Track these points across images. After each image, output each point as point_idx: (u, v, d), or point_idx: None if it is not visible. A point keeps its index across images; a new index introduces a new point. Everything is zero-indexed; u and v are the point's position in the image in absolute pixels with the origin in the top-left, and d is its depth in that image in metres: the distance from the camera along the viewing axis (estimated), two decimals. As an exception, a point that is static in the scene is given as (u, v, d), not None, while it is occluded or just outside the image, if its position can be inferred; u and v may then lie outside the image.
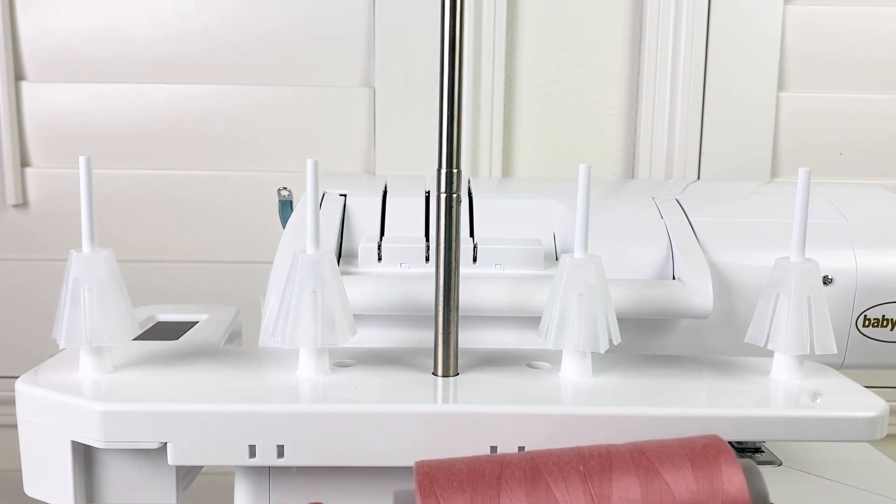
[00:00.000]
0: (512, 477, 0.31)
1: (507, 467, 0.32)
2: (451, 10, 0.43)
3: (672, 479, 0.31)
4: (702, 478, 0.32)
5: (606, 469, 0.32)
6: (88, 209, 0.44)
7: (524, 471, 0.32)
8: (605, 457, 0.32)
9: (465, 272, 0.53)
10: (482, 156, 1.13)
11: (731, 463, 0.32)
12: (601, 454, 0.32)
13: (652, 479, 0.31)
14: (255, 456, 0.42)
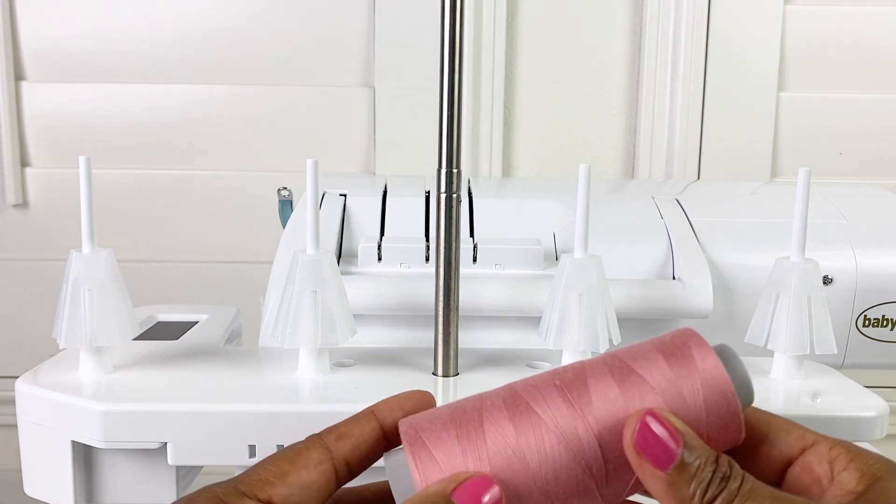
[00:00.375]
0: (492, 405, 0.32)
1: (487, 399, 0.32)
2: (451, 10, 0.43)
3: (647, 373, 0.32)
4: (675, 364, 0.32)
5: (581, 378, 0.32)
6: (88, 209, 0.44)
7: (503, 398, 0.32)
8: (580, 368, 0.33)
9: (465, 272, 0.53)
10: (482, 156, 1.13)
11: (701, 345, 0.33)
12: (575, 367, 0.33)
13: (627, 377, 0.32)
14: (255, 456, 0.42)
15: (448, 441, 0.31)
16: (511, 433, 0.31)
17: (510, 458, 0.31)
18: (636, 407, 0.31)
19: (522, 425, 0.31)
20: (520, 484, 0.31)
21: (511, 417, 0.31)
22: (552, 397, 0.32)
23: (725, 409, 0.31)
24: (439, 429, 0.31)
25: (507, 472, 0.30)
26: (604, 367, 0.32)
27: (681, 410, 0.31)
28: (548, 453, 0.31)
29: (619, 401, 0.31)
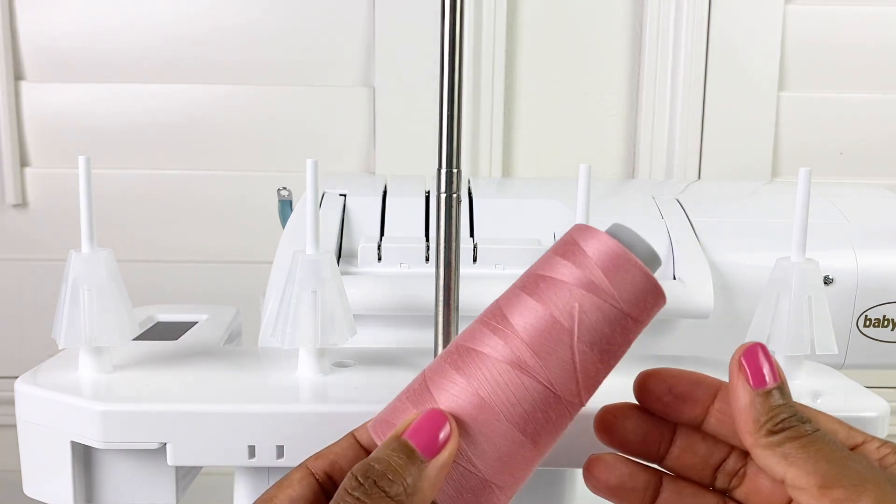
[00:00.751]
0: (433, 367, 0.34)
1: (428, 367, 0.34)
2: (451, 10, 0.43)
3: (550, 273, 0.33)
4: (571, 255, 0.34)
5: (497, 306, 0.34)
6: (88, 209, 0.44)
7: (441, 357, 0.34)
8: (495, 302, 0.35)
9: (465, 272, 0.53)
10: (482, 156, 1.13)
11: (586, 230, 0.34)
12: (491, 305, 0.35)
13: (536, 284, 0.33)
14: (255, 456, 0.42)
15: (406, 411, 0.33)
16: (455, 376, 0.32)
17: (461, 397, 0.32)
18: (556, 305, 0.33)
19: (464, 367, 0.33)
20: (480, 418, 0.32)
21: (452, 364, 0.33)
22: (480, 332, 0.33)
23: (631, 274, 0.33)
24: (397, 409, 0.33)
25: (466, 410, 0.32)
26: (514, 289, 0.34)
27: (595, 292, 0.33)
28: (493, 378, 0.32)
29: (538, 307, 0.33)
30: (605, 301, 0.33)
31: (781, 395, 0.33)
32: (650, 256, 0.35)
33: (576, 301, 0.33)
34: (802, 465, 0.31)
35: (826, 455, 0.31)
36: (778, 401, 0.32)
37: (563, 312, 0.33)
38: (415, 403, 0.33)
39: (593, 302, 0.33)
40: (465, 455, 0.32)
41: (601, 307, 0.33)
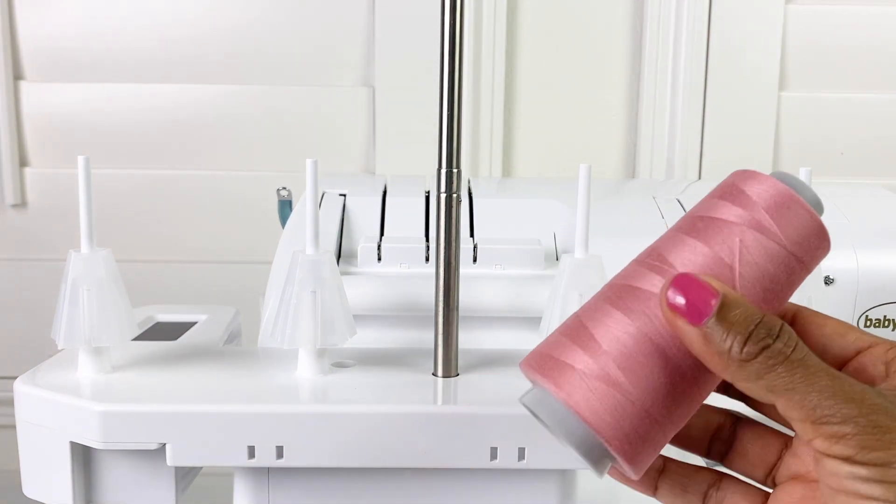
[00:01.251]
0: (590, 305, 0.33)
1: (580, 310, 0.33)
2: (451, 10, 0.43)
3: (710, 213, 0.33)
4: (729, 195, 0.33)
5: (653, 248, 0.34)
6: (87, 209, 0.44)
7: (592, 301, 0.33)
8: (654, 245, 0.35)
9: (465, 272, 0.52)
10: (482, 156, 1.13)
11: (744, 172, 0.34)
12: (650, 246, 0.35)
13: (694, 224, 0.33)
14: (255, 457, 0.41)
15: (562, 344, 0.32)
16: (612, 311, 0.32)
17: (619, 330, 0.31)
18: (717, 241, 0.32)
19: (622, 303, 0.32)
20: (639, 351, 0.31)
21: (608, 301, 0.32)
22: (637, 271, 0.33)
23: (798, 218, 0.32)
24: (553, 342, 0.33)
25: (625, 343, 0.31)
26: (671, 231, 0.34)
27: (759, 229, 0.32)
28: (652, 313, 0.31)
29: (697, 244, 0.32)
30: (769, 239, 0.32)
31: (726, 315, 0.28)
32: (815, 201, 0.34)
33: (737, 237, 0.32)
34: (789, 398, 0.28)
35: (814, 382, 0.27)
36: (727, 325, 0.28)
37: (725, 248, 0.32)
38: (571, 338, 0.32)
39: (756, 238, 0.32)
40: (622, 387, 0.30)
41: (765, 244, 0.31)
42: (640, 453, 0.31)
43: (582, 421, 0.30)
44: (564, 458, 0.42)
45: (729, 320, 0.28)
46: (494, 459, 0.42)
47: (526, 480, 0.45)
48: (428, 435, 0.41)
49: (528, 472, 0.45)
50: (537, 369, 0.32)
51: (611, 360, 0.31)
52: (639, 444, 0.30)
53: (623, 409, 0.30)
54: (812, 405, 0.27)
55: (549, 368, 0.32)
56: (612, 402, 0.30)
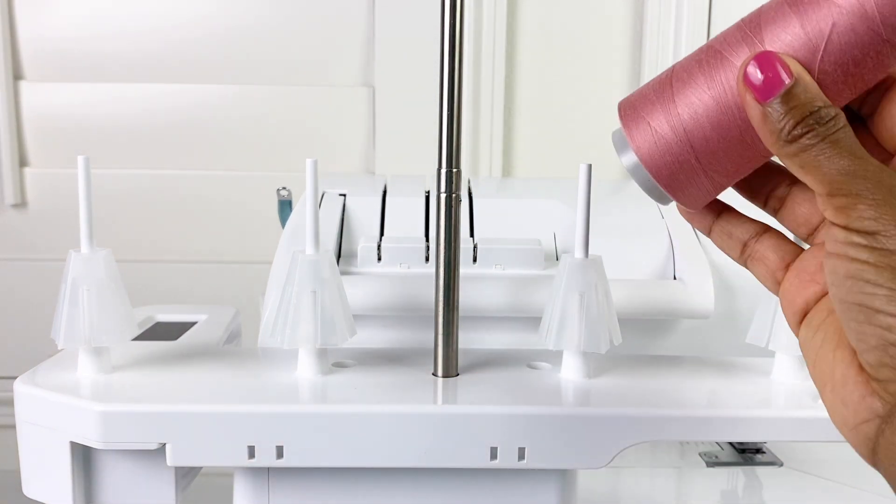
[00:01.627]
0: (681, 66, 0.35)
1: (676, 65, 0.36)
2: (451, 10, 0.43)
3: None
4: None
5: (758, 13, 0.34)
6: (87, 209, 0.44)
7: (689, 59, 0.35)
8: (758, 9, 0.35)
9: (465, 272, 0.52)
10: (482, 156, 1.13)
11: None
12: (753, 11, 0.35)
13: (806, 7, 0.33)
14: (255, 457, 0.41)
15: (649, 98, 0.36)
16: (699, 76, 0.34)
17: (699, 97, 0.34)
18: (811, 20, 0.33)
19: (709, 69, 0.34)
20: (715, 114, 0.34)
21: (699, 64, 0.35)
22: (734, 37, 0.34)
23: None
24: (643, 95, 0.36)
25: (706, 105, 0.34)
26: (782, 4, 0.34)
27: (861, 18, 0.32)
28: (729, 85, 0.33)
29: (793, 20, 0.33)
30: (866, 25, 0.32)
31: (789, 100, 0.31)
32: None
33: (832, 19, 0.32)
34: (814, 173, 0.31)
35: (837, 161, 0.30)
36: (787, 108, 0.31)
37: (816, 29, 0.33)
38: (656, 93, 0.35)
39: (852, 23, 0.32)
40: (684, 145, 0.35)
41: (858, 30, 0.32)
42: (692, 198, 0.36)
43: (640, 161, 0.35)
44: (564, 458, 0.42)
45: (790, 104, 0.31)
46: (494, 459, 0.42)
47: (526, 480, 0.45)
48: (428, 435, 0.41)
49: (528, 472, 0.45)
50: (622, 117, 0.36)
51: (680, 123, 0.34)
52: (692, 193, 0.35)
53: (681, 164, 0.35)
54: (829, 180, 0.30)
55: (630, 119, 0.36)
56: (673, 157, 0.35)
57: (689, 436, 0.43)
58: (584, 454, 0.42)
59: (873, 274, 0.29)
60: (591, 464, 0.42)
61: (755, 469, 0.64)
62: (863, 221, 0.29)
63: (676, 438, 0.43)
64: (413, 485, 0.45)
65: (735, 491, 0.64)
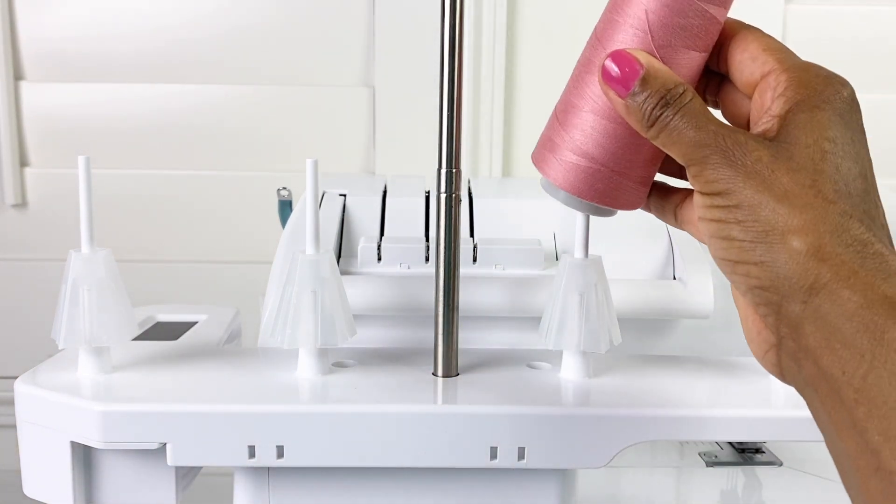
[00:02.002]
0: (560, 102, 0.40)
1: (556, 104, 0.40)
2: (451, 10, 0.43)
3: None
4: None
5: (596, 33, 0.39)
6: (87, 209, 0.44)
7: (563, 93, 0.40)
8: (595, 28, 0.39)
9: (465, 272, 0.52)
10: (482, 156, 1.13)
11: None
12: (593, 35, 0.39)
13: (614, 8, 0.38)
14: (255, 456, 0.42)
15: (553, 127, 0.40)
16: (574, 101, 0.39)
17: (585, 119, 0.38)
18: (635, 19, 0.37)
19: (580, 91, 0.39)
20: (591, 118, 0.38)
21: (569, 92, 0.40)
22: (587, 58, 0.39)
23: None
24: (540, 140, 0.41)
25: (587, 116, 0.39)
26: (605, 14, 0.39)
27: None
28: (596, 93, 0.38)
29: (622, 25, 0.38)
30: None
31: (645, 86, 0.35)
32: None
33: (644, 6, 0.37)
34: (674, 149, 0.34)
35: (687, 134, 0.34)
36: (644, 94, 0.35)
37: (636, 20, 0.37)
38: (551, 132, 0.40)
39: (658, 2, 0.36)
40: (588, 158, 0.38)
41: (667, 4, 0.36)
42: (628, 201, 0.39)
43: (567, 192, 0.39)
44: (564, 458, 0.42)
45: (646, 89, 0.35)
46: (494, 459, 0.42)
47: (526, 480, 0.45)
48: (428, 435, 0.41)
49: (528, 472, 0.45)
50: (537, 165, 0.41)
51: (578, 145, 0.38)
52: (625, 197, 0.39)
53: (600, 178, 0.38)
54: (683, 152, 0.34)
55: (543, 163, 0.40)
56: (590, 175, 0.38)
57: (688, 436, 0.43)
58: (583, 454, 0.42)
59: (726, 230, 0.32)
60: (591, 464, 0.42)
61: (755, 469, 0.64)
62: (710, 185, 0.33)
63: (676, 438, 0.43)
64: (413, 485, 0.45)
65: (735, 491, 0.64)
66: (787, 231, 0.31)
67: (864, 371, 0.29)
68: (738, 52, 0.38)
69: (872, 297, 0.29)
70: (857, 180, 0.34)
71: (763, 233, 0.32)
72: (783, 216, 0.31)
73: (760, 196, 0.32)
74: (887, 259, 0.31)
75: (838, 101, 0.35)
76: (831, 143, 0.34)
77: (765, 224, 0.32)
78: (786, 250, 0.31)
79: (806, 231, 0.31)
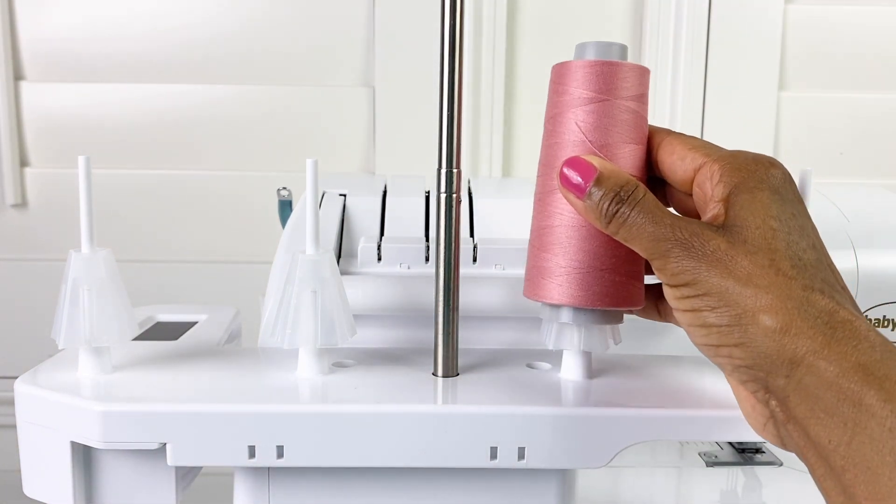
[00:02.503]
0: (531, 233, 0.45)
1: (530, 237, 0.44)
2: (451, 10, 0.43)
3: (553, 113, 0.42)
4: (553, 92, 0.42)
5: (545, 158, 0.44)
6: (87, 209, 0.44)
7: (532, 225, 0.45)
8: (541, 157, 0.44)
9: (465, 272, 0.52)
10: (482, 156, 1.13)
11: (555, 68, 0.42)
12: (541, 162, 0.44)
13: (548, 130, 0.43)
14: (255, 456, 0.42)
15: (533, 257, 0.43)
16: (544, 225, 0.43)
17: (560, 237, 0.41)
18: (563, 132, 0.41)
19: (545, 211, 0.43)
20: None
21: (536, 220, 0.44)
22: (542, 181, 0.44)
23: (596, 72, 0.40)
24: (526, 274, 0.44)
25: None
26: (546, 141, 0.43)
27: (584, 102, 0.40)
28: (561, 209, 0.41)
29: (563, 137, 0.41)
30: (592, 102, 0.39)
31: (600, 185, 0.37)
32: (602, 49, 0.41)
33: (572, 119, 0.40)
34: (634, 243, 0.36)
35: (646, 228, 0.35)
36: (600, 193, 0.37)
37: (571, 131, 0.40)
38: (534, 262, 0.42)
39: (584, 110, 0.40)
40: (574, 268, 0.41)
41: (591, 109, 0.39)
42: (631, 297, 0.41)
43: (569, 306, 0.41)
44: (564, 458, 0.42)
45: (601, 188, 0.37)
46: (494, 459, 0.42)
47: (526, 480, 0.45)
48: (428, 435, 0.42)
49: (528, 472, 0.45)
50: (533, 297, 0.43)
51: (559, 256, 0.41)
52: (625, 294, 0.41)
53: (598, 282, 0.40)
54: (644, 247, 0.36)
55: (537, 291, 0.42)
56: (586, 283, 0.40)
57: (688, 436, 0.43)
58: (583, 454, 0.42)
59: (701, 317, 0.34)
60: (591, 464, 0.42)
61: (755, 469, 0.64)
62: (675, 277, 0.35)
63: (676, 438, 0.43)
64: (413, 485, 0.45)
65: (735, 490, 0.64)
66: (757, 311, 0.33)
67: (847, 438, 0.30)
68: (667, 155, 0.40)
69: (846, 366, 0.31)
70: (808, 252, 0.34)
71: (736, 316, 0.33)
72: (751, 298, 0.33)
73: (726, 282, 0.33)
74: (855, 325, 0.32)
75: (772, 180, 0.37)
76: (777, 221, 0.35)
77: (735, 308, 0.33)
78: (760, 330, 0.33)
79: (775, 310, 0.32)
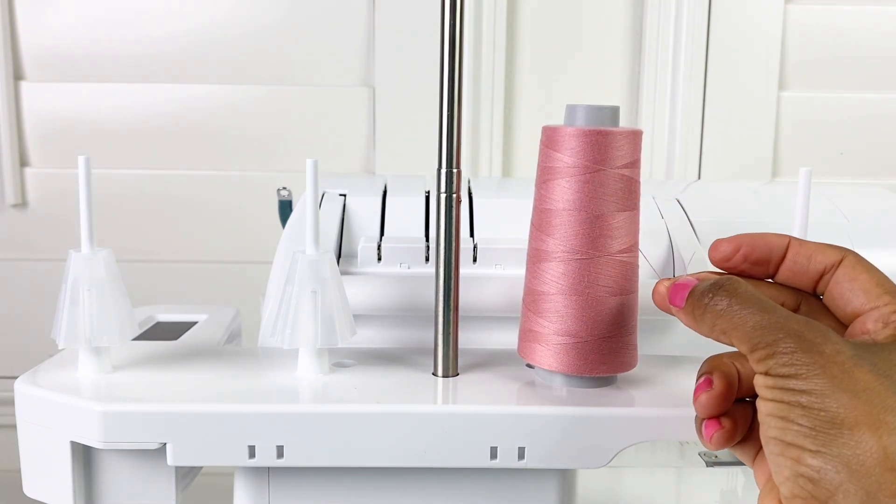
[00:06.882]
0: (522, 299, 0.46)
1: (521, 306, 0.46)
2: (451, 10, 0.43)
3: (542, 191, 0.46)
4: (545, 172, 0.46)
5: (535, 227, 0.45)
6: (87, 209, 0.44)
7: (523, 294, 0.46)
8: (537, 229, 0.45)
9: (465, 272, 0.52)
10: (482, 156, 1.13)
11: (546, 131, 0.46)
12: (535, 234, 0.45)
13: (543, 193, 0.46)
14: (255, 456, 0.42)
15: (526, 323, 0.45)
16: (542, 296, 0.43)
17: (557, 303, 0.43)
18: (560, 202, 0.43)
19: (539, 285, 0.44)
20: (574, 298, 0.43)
21: (528, 289, 0.45)
22: (542, 252, 0.44)
23: (588, 142, 0.42)
24: (520, 337, 0.46)
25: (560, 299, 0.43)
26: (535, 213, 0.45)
27: (576, 174, 0.42)
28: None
29: (557, 218, 0.44)
30: (584, 175, 0.41)
31: (698, 286, 0.38)
32: (609, 114, 0.43)
33: (567, 188, 0.41)
34: (734, 334, 0.35)
35: (750, 318, 0.34)
36: (698, 292, 0.37)
37: (564, 202, 0.41)
38: (527, 326, 0.43)
39: (578, 182, 0.41)
40: (571, 336, 0.42)
41: (587, 181, 0.40)
42: (615, 364, 0.42)
43: (563, 373, 0.42)
44: (564, 458, 0.42)
45: (695, 296, 0.38)
46: (494, 459, 0.42)
47: (526, 480, 0.45)
48: (428, 435, 0.42)
49: (528, 472, 0.45)
50: (524, 356, 0.43)
51: (555, 324, 0.42)
52: (610, 359, 0.42)
53: (582, 347, 0.41)
54: (748, 337, 0.34)
55: (528, 353, 0.43)
56: (573, 348, 0.41)
57: (688, 436, 0.43)
58: (583, 454, 0.42)
59: (788, 411, 0.32)
60: (591, 464, 0.42)
61: (755, 469, 0.64)
62: (779, 367, 0.33)
63: (676, 438, 0.43)
64: (413, 485, 0.45)
65: (735, 491, 0.64)
66: (855, 426, 0.30)
67: None
68: (849, 280, 0.38)
69: None
70: None
71: (828, 423, 0.30)
72: (857, 411, 0.30)
73: (834, 386, 0.31)
74: None
75: None
76: None
77: (832, 414, 0.30)
78: (852, 446, 0.30)
79: (881, 433, 0.29)
